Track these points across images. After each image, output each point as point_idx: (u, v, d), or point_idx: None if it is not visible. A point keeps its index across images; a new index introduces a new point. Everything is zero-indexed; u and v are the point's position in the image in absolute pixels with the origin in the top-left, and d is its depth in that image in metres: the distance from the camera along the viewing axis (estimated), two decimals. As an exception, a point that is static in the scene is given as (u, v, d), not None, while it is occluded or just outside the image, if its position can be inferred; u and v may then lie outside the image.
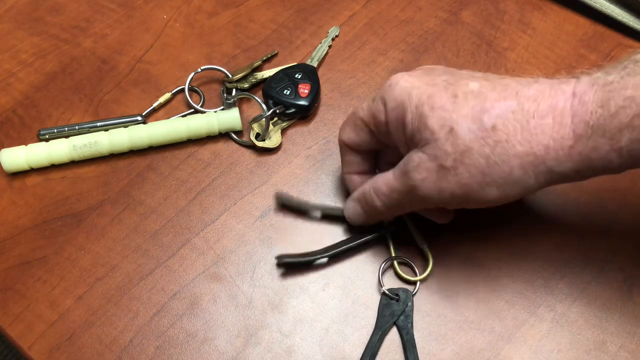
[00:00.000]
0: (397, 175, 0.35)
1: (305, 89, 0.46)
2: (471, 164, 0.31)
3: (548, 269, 0.40)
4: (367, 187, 0.38)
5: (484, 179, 0.32)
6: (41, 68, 0.50)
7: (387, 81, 0.35)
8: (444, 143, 0.32)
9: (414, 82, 0.34)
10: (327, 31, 0.52)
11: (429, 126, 0.32)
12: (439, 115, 0.32)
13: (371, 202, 0.37)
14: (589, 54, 0.50)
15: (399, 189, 0.35)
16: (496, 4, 0.53)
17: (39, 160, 0.44)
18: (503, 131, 0.31)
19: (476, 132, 0.31)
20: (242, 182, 0.45)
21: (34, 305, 0.40)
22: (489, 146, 0.31)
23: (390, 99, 0.34)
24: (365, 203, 0.38)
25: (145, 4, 0.54)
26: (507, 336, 0.38)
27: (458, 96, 0.32)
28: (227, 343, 0.39)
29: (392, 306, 0.39)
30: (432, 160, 0.32)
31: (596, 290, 0.39)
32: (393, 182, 0.35)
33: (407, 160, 0.34)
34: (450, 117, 0.32)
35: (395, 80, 0.34)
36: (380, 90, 0.35)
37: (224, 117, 0.45)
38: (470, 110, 0.32)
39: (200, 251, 0.42)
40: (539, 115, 0.31)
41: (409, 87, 0.33)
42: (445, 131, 0.32)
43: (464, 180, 0.32)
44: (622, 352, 0.37)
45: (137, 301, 0.40)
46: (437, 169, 0.32)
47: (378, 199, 0.37)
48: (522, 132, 0.31)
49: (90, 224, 0.43)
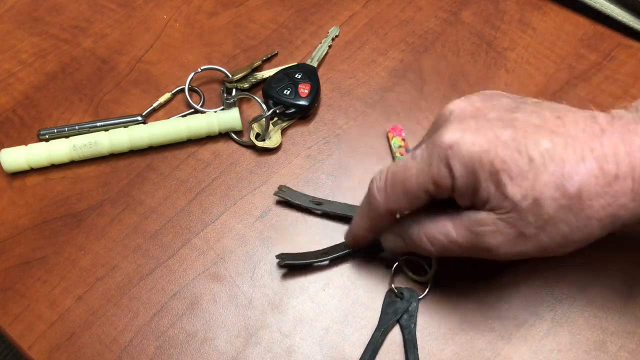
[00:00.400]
0: (462, 232, 0.33)
1: (305, 89, 0.46)
2: (553, 231, 0.31)
3: (548, 269, 0.40)
4: (415, 230, 0.35)
5: (564, 242, 0.31)
6: (41, 68, 0.50)
7: (439, 139, 0.32)
8: (527, 214, 0.30)
9: (480, 143, 0.31)
10: (327, 31, 0.52)
11: (509, 196, 0.30)
12: (519, 184, 0.30)
13: (420, 245, 0.35)
14: (589, 54, 0.50)
15: (462, 244, 0.33)
16: (496, 4, 0.53)
17: (39, 160, 0.44)
18: (587, 197, 0.30)
19: (560, 200, 0.30)
20: (242, 182, 0.45)
21: (34, 305, 0.40)
22: (573, 213, 0.30)
23: (457, 164, 0.31)
24: (410, 241, 0.36)
25: (145, 4, 0.54)
26: (507, 336, 0.38)
27: (534, 160, 0.30)
28: (227, 343, 0.39)
29: (396, 304, 0.39)
30: (510, 228, 0.31)
31: (596, 290, 0.39)
32: (456, 237, 0.33)
33: (477, 221, 0.32)
34: (532, 187, 0.30)
35: (455, 140, 0.31)
36: (434, 150, 0.32)
37: (224, 117, 0.45)
38: (551, 177, 0.30)
39: (200, 251, 0.42)
40: (621, 177, 0.30)
41: (477, 152, 0.31)
42: (528, 202, 0.30)
43: (544, 244, 0.31)
44: (622, 352, 0.37)
45: (137, 301, 0.40)
46: (516, 235, 0.31)
47: (431, 245, 0.34)
48: (605, 196, 0.30)
49: (90, 224, 0.43)
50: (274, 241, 0.42)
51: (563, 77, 0.48)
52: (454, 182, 0.32)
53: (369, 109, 0.48)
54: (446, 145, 0.31)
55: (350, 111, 0.47)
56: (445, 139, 0.31)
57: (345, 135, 0.46)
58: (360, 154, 0.45)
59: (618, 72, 0.48)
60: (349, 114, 0.47)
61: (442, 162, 0.32)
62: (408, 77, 0.49)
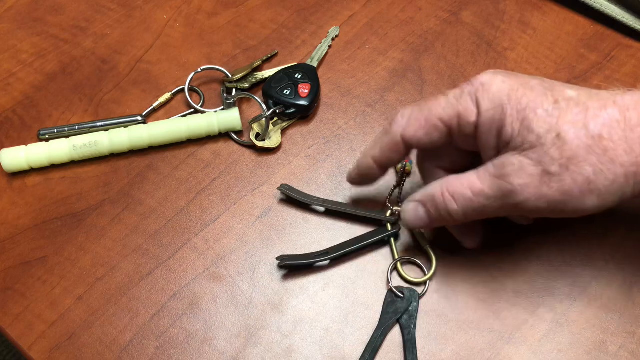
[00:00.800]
0: (487, 179, 0.33)
1: (305, 89, 0.46)
2: (577, 171, 0.31)
3: (548, 269, 0.40)
4: (437, 189, 0.35)
5: (588, 187, 0.31)
6: (41, 68, 0.50)
7: (474, 79, 0.34)
8: (551, 148, 0.31)
9: (511, 83, 0.33)
10: (327, 31, 0.52)
11: (534, 130, 0.31)
12: (544, 119, 0.31)
13: (444, 206, 0.35)
14: (589, 54, 0.50)
15: (488, 193, 0.33)
16: (496, 4, 0.53)
17: (39, 160, 0.44)
18: (609, 140, 0.31)
19: (583, 139, 0.31)
20: (242, 182, 0.45)
21: (34, 305, 0.40)
22: (596, 154, 0.31)
23: (485, 98, 0.33)
24: (434, 206, 0.35)
25: (145, 4, 0.54)
26: (507, 336, 0.38)
27: (559, 102, 0.32)
28: (227, 343, 0.39)
29: (397, 304, 0.39)
30: (536, 165, 0.31)
31: (596, 290, 0.39)
32: (481, 186, 0.33)
33: (502, 164, 0.32)
34: (556, 123, 0.31)
35: (487, 79, 0.33)
36: (466, 87, 0.34)
37: (224, 117, 0.45)
38: (575, 117, 0.31)
39: (200, 251, 0.42)
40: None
41: (507, 89, 0.32)
42: (552, 136, 0.31)
43: (567, 187, 0.31)
44: (622, 352, 0.37)
45: (137, 301, 0.40)
46: (541, 174, 0.31)
47: (456, 202, 0.34)
48: (627, 141, 0.31)
49: (90, 224, 0.43)
50: (274, 241, 0.42)
51: (563, 77, 0.48)
52: (479, 118, 0.33)
53: (369, 109, 0.48)
54: (478, 83, 0.33)
55: (350, 111, 0.47)
56: (479, 78, 0.34)
57: (345, 135, 0.46)
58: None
59: (618, 72, 0.48)
60: (349, 114, 0.47)
61: (470, 97, 0.33)
62: (408, 77, 0.49)
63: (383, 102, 0.48)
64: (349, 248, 0.40)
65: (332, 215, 0.43)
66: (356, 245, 0.40)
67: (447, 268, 0.40)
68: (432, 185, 0.36)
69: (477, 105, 0.33)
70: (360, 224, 0.42)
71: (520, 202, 0.32)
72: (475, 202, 0.34)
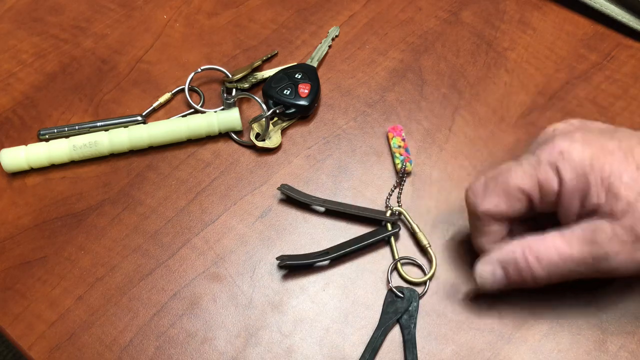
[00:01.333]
0: (576, 244, 0.33)
1: (305, 89, 0.46)
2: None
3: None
4: (519, 254, 0.34)
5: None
6: (41, 68, 0.50)
7: (551, 146, 0.34)
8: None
9: (591, 151, 0.33)
10: (327, 31, 0.52)
11: (622, 198, 0.32)
12: (630, 186, 0.32)
13: (529, 271, 0.34)
14: (589, 54, 0.50)
15: (578, 258, 0.33)
16: (496, 4, 0.53)
17: (39, 160, 0.44)
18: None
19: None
20: (242, 182, 0.45)
21: (34, 305, 0.40)
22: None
23: (567, 168, 0.33)
24: (516, 270, 0.35)
25: (145, 4, 0.54)
26: (507, 336, 0.38)
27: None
28: (227, 343, 0.39)
29: (397, 303, 0.39)
30: (628, 232, 0.32)
31: (596, 290, 0.39)
32: (570, 251, 0.33)
33: (593, 230, 0.33)
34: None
35: (566, 147, 0.33)
36: (544, 155, 0.34)
37: (224, 117, 0.45)
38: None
39: (200, 251, 0.42)
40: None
41: (588, 157, 0.33)
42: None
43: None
44: (622, 352, 0.37)
45: (137, 301, 0.40)
46: (634, 240, 0.32)
47: (540, 267, 0.34)
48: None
49: (90, 224, 0.43)
50: (274, 241, 0.42)
51: (563, 77, 0.48)
52: (562, 187, 0.33)
53: (369, 109, 0.48)
54: (557, 151, 0.33)
55: (350, 111, 0.47)
56: (556, 145, 0.33)
57: (345, 135, 0.46)
58: (360, 154, 0.45)
59: (618, 72, 0.48)
60: (349, 114, 0.47)
61: (550, 166, 0.33)
62: (408, 77, 0.49)
63: (383, 102, 0.48)
64: (349, 248, 0.40)
65: (332, 215, 0.43)
66: (356, 245, 0.40)
67: (447, 268, 0.40)
68: (510, 247, 0.35)
69: (559, 174, 0.33)
70: (360, 224, 0.42)
71: (614, 267, 0.33)
72: (561, 266, 0.34)
